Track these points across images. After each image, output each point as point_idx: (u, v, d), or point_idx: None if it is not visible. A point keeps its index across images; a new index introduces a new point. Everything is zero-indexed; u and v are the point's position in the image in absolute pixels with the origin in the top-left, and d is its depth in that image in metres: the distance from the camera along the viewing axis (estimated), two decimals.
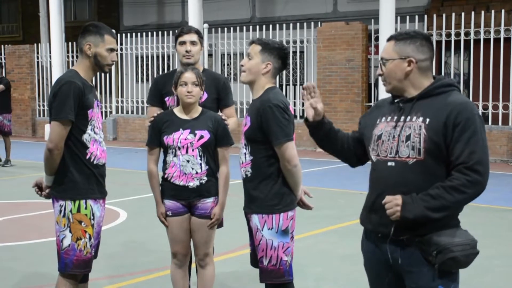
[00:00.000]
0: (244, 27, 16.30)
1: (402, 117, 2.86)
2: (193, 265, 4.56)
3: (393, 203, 2.74)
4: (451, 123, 2.73)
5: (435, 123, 2.76)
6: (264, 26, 16.05)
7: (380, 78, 2.97)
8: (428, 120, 2.78)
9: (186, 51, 4.51)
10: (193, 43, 4.54)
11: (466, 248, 2.73)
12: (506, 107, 13.47)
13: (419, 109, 2.83)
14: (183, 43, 4.54)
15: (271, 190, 3.66)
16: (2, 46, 20.83)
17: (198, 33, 4.61)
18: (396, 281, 2.93)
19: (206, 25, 16.34)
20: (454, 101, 2.79)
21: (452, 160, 2.74)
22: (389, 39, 2.95)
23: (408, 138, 2.80)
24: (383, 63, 2.92)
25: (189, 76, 4.15)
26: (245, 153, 3.73)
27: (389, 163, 2.85)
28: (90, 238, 3.84)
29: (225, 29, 16.75)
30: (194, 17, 15.91)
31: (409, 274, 2.84)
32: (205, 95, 4.42)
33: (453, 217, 2.82)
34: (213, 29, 17.02)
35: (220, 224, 4.35)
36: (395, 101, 2.94)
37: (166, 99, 4.59)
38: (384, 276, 2.96)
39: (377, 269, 2.98)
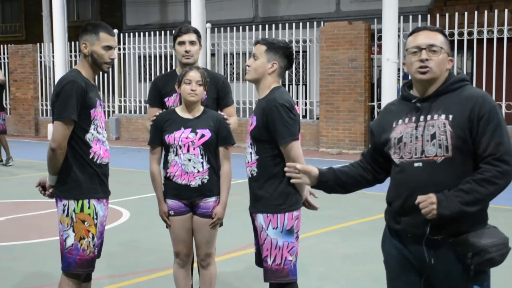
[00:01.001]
0: (247, 27, 16.28)
1: (422, 117, 2.83)
2: (195, 265, 4.54)
3: (428, 201, 2.70)
4: (476, 117, 2.73)
5: (459, 119, 2.74)
6: (266, 26, 16.02)
7: (418, 64, 2.82)
8: (451, 116, 2.76)
9: (186, 51, 4.49)
10: (192, 42, 4.52)
11: (501, 248, 2.73)
12: (509, 107, 13.44)
13: (439, 106, 2.81)
14: (182, 43, 4.51)
15: (277, 189, 3.65)
16: (5, 46, 20.85)
17: (197, 33, 4.58)
18: (418, 281, 2.88)
19: (208, 25, 16.33)
20: (473, 95, 2.78)
21: (479, 153, 2.74)
22: (434, 29, 2.87)
23: (433, 136, 2.77)
24: (434, 51, 2.82)
25: (194, 75, 4.15)
26: (250, 153, 3.72)
27: (416, 164, 2.81)
28: (93, 238, 3.83)
29: (228, 28, 16.74)
30: (197, 17, 15.90)
31: (441, 275, 2.80)
32: (205, 95, 4.40)
33: (483, 211, 2.83)
34: (216, 29, 17.01)
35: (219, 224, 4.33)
36: (413, 101, 2.89)
37: (166, 99, 4.56)
38: (405, 275, 2.91)
39: (399, 267, 2.93)
